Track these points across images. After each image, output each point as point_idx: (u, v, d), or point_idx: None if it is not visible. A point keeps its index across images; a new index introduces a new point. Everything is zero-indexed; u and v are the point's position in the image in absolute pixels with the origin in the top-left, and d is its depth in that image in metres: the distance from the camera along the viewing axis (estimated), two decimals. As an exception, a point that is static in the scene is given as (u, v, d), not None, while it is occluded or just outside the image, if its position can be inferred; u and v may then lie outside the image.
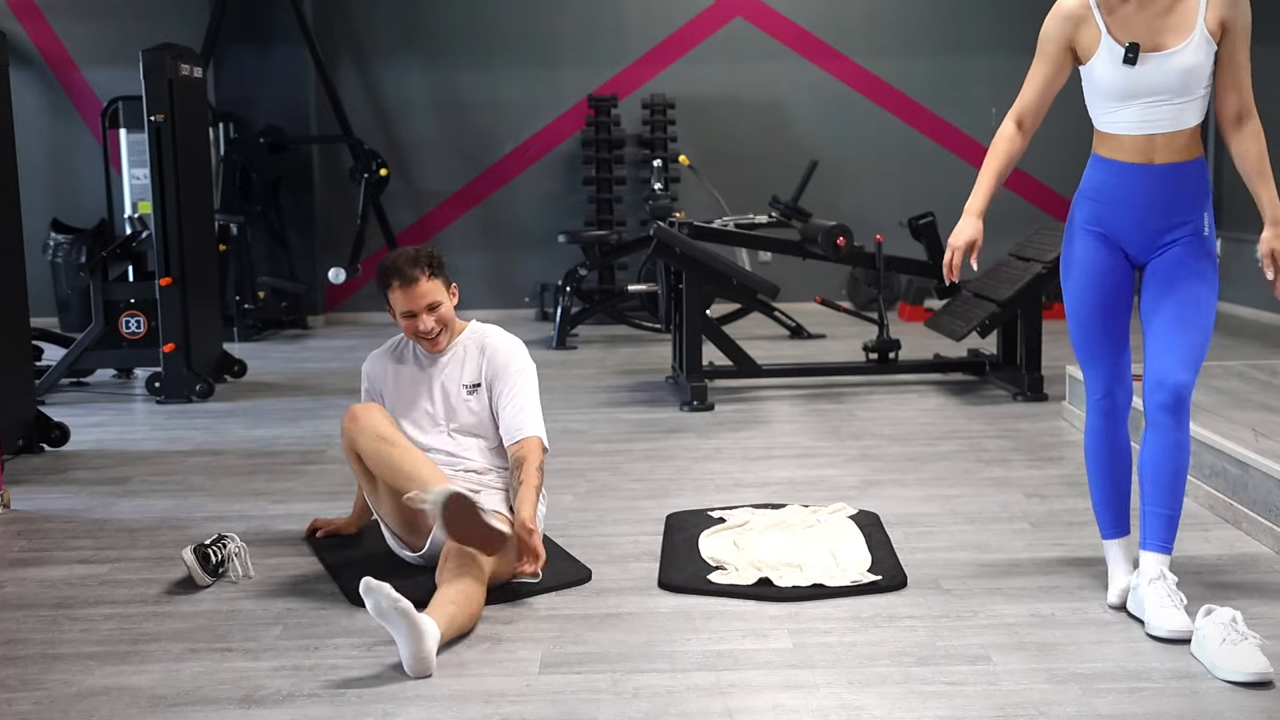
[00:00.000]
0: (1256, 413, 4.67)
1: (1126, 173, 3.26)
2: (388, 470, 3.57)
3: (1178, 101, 3.18)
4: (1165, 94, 3.18)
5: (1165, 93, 3.18)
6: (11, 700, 2.94)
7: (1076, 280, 3.36)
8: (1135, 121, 3.23)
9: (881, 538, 3.99)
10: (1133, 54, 3.17)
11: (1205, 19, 3.15)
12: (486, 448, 3.82)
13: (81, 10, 9.70)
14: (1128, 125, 3.24)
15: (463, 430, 3.81)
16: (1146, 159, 3.23)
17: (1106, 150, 3.30)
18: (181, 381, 6.61)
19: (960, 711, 2.79)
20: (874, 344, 6.88)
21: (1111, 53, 3.21)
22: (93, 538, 4.22)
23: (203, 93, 7.38)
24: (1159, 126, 3.21)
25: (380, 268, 3.81)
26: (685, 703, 2.87)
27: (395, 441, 3.61)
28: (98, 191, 9.33)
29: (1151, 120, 3.21)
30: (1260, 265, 3.29)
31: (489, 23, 9.81)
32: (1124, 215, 3.28)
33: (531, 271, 9.86)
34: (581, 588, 3.63)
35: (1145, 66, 3.17)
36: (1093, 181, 3.34)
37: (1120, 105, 3.24)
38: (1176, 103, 3.18)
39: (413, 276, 3.74)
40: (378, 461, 3.58)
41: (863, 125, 9.82)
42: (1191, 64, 3.15)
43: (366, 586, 3.00)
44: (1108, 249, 3.32)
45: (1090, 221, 3.34)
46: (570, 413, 6.13)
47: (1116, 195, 3.28)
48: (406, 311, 3.77)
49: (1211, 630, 2.99)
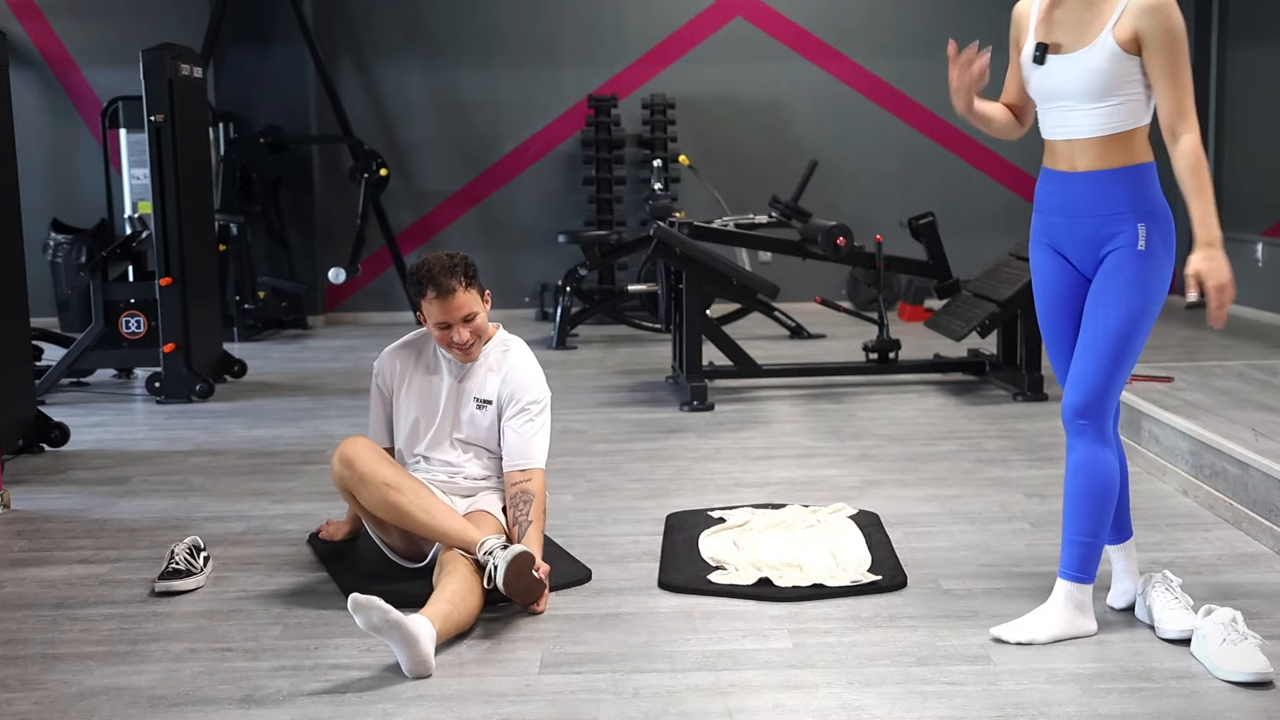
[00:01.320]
0: (1256, 413, 4.67)
1: (1056, 180, 3.22)
2: (398, 516, 3.49)
3: (1090, 107, 3.10)
4: (1075, 98, 3.12)
5: (1074, 97, 3.12)
6: (11, 700, 2.94)
7: (1035, 291, 3.33)
8: (1054, 126, 3.19)
9: (881, 538, 4.00)
10: (1039, 53, 3.16)
11: (1115, 28, 3.06)
12: (487, 458, 3.80)
13: (81, 10, 9.70)
14: (1050, 130, 3.21)
15: (466, 441, 3.79)
16: (1070, 166, 3.18)
17: (1045, 157, 3.27)
18: (181, 381, 6.61)
19: (960, 711, 2.79)
20: (874, 344, 6.88)
21: (1030, 47, 3.21)
22: (93, 538, 4.22)
23: (203, 93, 7.37)
24: (1077, 132, 3.14)
25: (414, 276, 3.69)
26: (685, 703, 2.87)
27: (401, 487, 3.49)
28: (98, 191, 9.33)
29: (1069, 125, 3.15)
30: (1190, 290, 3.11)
31: (489, 23, 9.81)
32: (1059, 224, 3.22)
33: (531, 271, 9.86)
34: (581, 588, 3.63)
35: (1053, 68, 3.14)
36: (1037, 191, 3.31)
37: (1043, 109, 3.22)
38: (1089, 108, 3.10)
39: (450, 287, 3.63)
40: (387, 510, 3.49)
41: (863, 125, 9.82)
42: (1095, 68, 3.07)
43: (355, 604, 2.96)
44: (1055, 261, 3.25)
45: (1039, 232, 3.30)
46: (570, 413, 6.13)
47: (1051, 204, 3.24)
48: (441, 323, 3.67)
49: (1211, 630, 2.99)
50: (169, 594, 3.61)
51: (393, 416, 3.87)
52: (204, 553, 3.76)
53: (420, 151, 9.89)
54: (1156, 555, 3.82)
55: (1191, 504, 4.36)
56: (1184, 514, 4.26)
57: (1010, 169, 9.95)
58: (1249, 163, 9.58)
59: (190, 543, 3.74)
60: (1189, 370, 5.65)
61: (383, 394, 3.88)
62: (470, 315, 3.68)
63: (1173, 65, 3.04)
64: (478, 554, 3.37)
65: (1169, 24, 3.02)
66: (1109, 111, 3.09)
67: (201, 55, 8.45)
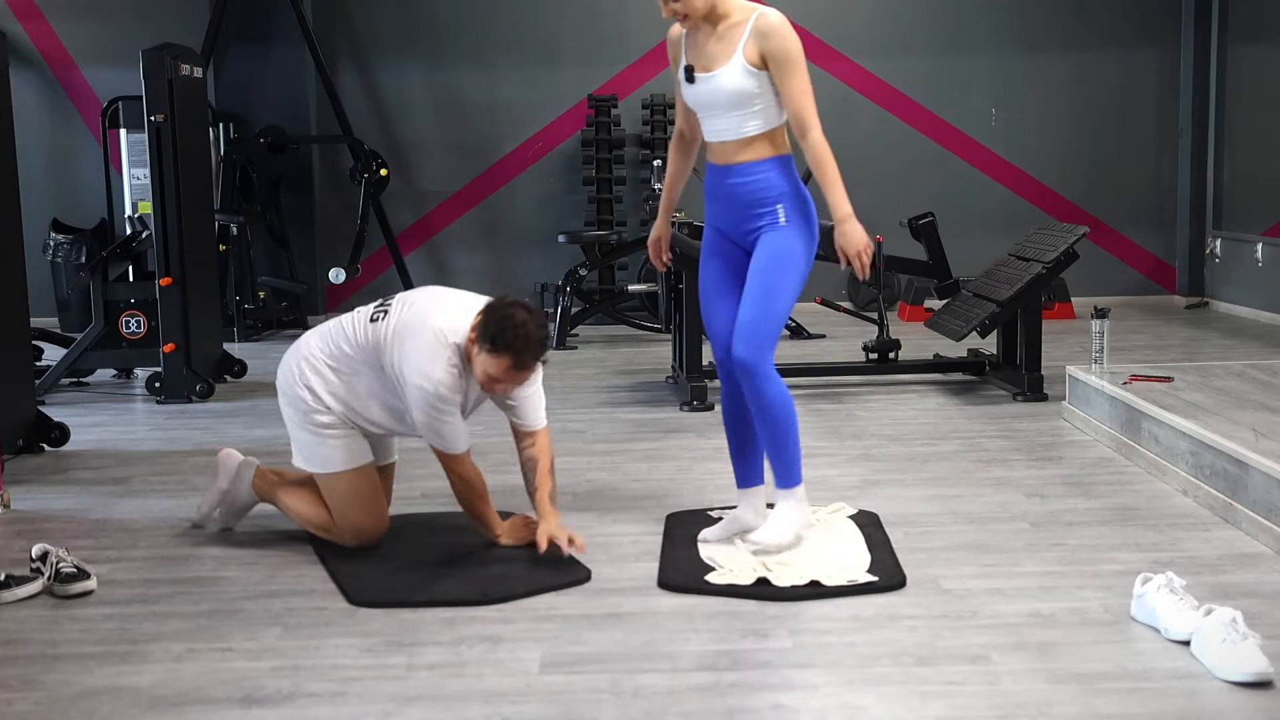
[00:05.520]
0: (1256, 413, 4.67)
1: (714, 172, 3.87)
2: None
3: (733, 114, 3.74)
4: (719, 108, 3.76)
5: (718, 107, 3.75)
6: (11, 700, 2.94)
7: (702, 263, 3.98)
8: (711, 131, 3.84)
9: (881, 537, 3.99)
10: (689, 74, 3.79)
11: (744, 49, 3.70)
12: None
13: (81, 10, 9.70)
14: (708, 134, 3.85)
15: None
16: (724, 160, 3.82)
17: (708, 155, 3.90)
18: (181, 381, 6.61)
19: (960, 711, 2.79)
20: (874, 344, 6.88)
21: (682, 69, 3.83)
22: (93, 538, 4.21)
23: (203, 93, 7.38)
24: (725, 135, 3.79)
25: (502, 332, 3.57)
26: (685, 703, 2.87)
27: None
28: (98, 191, 9.32)
29: (719, 130, 3.80)
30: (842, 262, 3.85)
31: (489, 23, 9.81)
32: (719, 208, 3.89)
33: (531, 271, 9.85)
34: (581, 588, 3.63)
35: (701, 85, 3.77)
36: (706, 182, 3.93)
37: (701, 117, 3.86)
38: (733, 115, 3.75)
39: (529, 366, 3.66)
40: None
41: (863, 125, 9.81)
42: (732, 86, 3.71)
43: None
44: (721, 240, 3.93)
45: (711, 217, 3.95)
46: (570, 413, 6.13)
47: (712, 191, 3.90)
48: (499, 380, 3.66)
49: (1211, 630, 2.99)
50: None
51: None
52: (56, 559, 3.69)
53: (420, 151, 9.89)
54: (1157, 555, 3.82)
55: (1191, 504, 4.36)
56: (1184, 514, 4.26)
57: (1010, 169, 9.95)
58: (1249, 163, 9.58)
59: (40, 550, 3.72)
60: (1189, 370, 5.65)
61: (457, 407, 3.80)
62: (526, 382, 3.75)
63: (792, 76, 3.69)
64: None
65: (785, 43, 3.67)
66: (752, 116, 3.74)
67: (201, 55, 8.45)
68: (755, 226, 3.82)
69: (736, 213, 3.85)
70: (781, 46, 3.68)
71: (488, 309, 3.66)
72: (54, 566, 3.65)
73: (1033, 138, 9.94)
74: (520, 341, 3.57)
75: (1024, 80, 9.85)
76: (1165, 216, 10.05)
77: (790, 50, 3.68)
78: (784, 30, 3.69)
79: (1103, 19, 9.81)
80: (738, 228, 3.87)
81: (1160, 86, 9.92)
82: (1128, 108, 9.92)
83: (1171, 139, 9.96)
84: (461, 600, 3.51)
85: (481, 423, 4.28)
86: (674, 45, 3.92)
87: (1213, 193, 9.80)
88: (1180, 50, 9.85)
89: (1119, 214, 9.97)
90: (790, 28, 3.71)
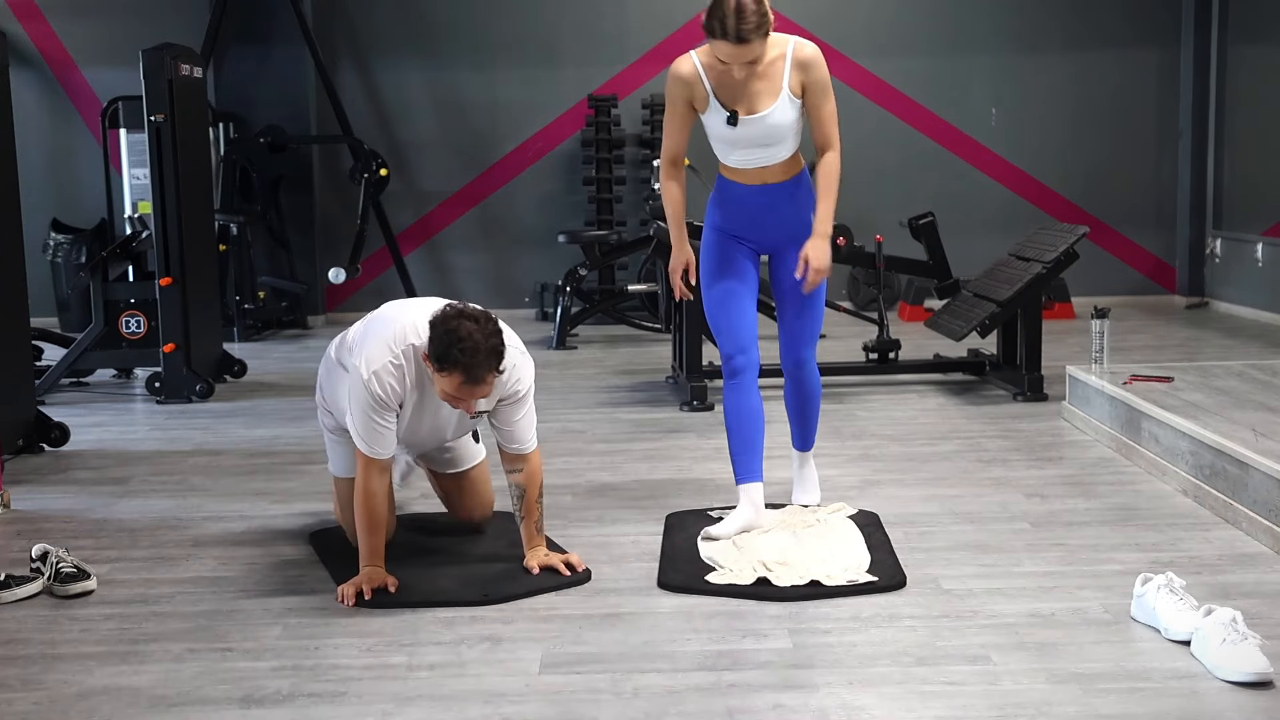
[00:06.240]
0: (1256, 413, 4.67)
1: (743, 191, 4.03)
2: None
3: (775, 145, 3.94)
4: (762, 142, 3.92)
5: (762, 142, 3.92)
6: (11, 700, 2.94)
7: (713, 268, 4.12)
8: (740, 159, 3.98)
9: (881, 538, 3.99)
10: (734, 120, 3.90)
11: (789, 83, 3.88)
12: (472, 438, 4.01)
13: (81, 10, 9.70)
14: (740, 162, 3.99)
15: (457, 439, 3.96)
16: (759, 181, 4.01)
17: (729, 174, 4.07)
18: (181, 381, 6.61)
19: (960, 711, 2.79)
20: (874, 344, 6.88)
21: (719, 113, 3.91)
22: (93, 538, 4.21)
23: (203, 93, 7.38)
24: (764, 161, 3.97)
25: (446, 348, 3.30)
26: (685, 703, 2.87)
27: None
28: (98, 191, 9.32)
29: (755, 158, 3.97)
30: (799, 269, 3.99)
31: (489, 23, 9.81)
32: (742, 219, 4.06)
33: (531, 271, 9.86)
34: (581, 588, 3.63)
35: (748, 127, 3.90)
36: (723, 195, 4.09)
37: (729, 150, 3.99)
38: (773, 145, 3.94)
39: (483, 378, 3.34)
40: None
41: (862, 125, 9.80)
42: (785, 123, 3.90)
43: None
44: (736, 245, 4.10)
45: (723, 224, 4.11)
46: (570, 413, 6.13)
47: (738, 205, 4.06)
48: (458, 397, 3.40)
49: (1211, 630, 2.99)
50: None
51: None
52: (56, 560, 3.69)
53: (420, 151, 9.89)
54: (1157, 555, 3.82)
55: (1191, 504, 4.36)
56: (1184, 514, 4.26)
57: (1010, 169, 9.95)
58: (1249, 163, 9.58)
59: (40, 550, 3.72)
60: (1189, 370, 5.65)
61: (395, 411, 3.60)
62: (486, 394, 3.44)
63: (827, 100, 3.94)
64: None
65: (824, 72, 3.91)
66: (787, 144, 3.96)
67: (201, 55, 8.45)
68: (788, 234, 4.05)
69: (771, 225, 4.06)
70: (822, 76, 3.91)
71: (432, 324, 3.35)
72: (54, 566, 3.65)
73: (1033, 138, 9.94)
74: (468, 355, 3.28)
75: (1024, 80, 9.85)
76: (1165, 216, 10.05)
77: (827, 77, 3.93)
78: (821, 59, 3.91)
79: (1103, 19, 9.81)
80: (764, 235, 4.08)
81: (1160, 87, 9.92)
82: (1128, 108, 9.92)
83: (1171, 139, 9.96)
84: (461, 600, 3.51)
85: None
86: (687, 85, 3.94)
87: (1213, 193, 9.80)
88: (1180, 50, 9.85)
89: (1119, 214, 9.97)
90: (822, 55, 3.93)
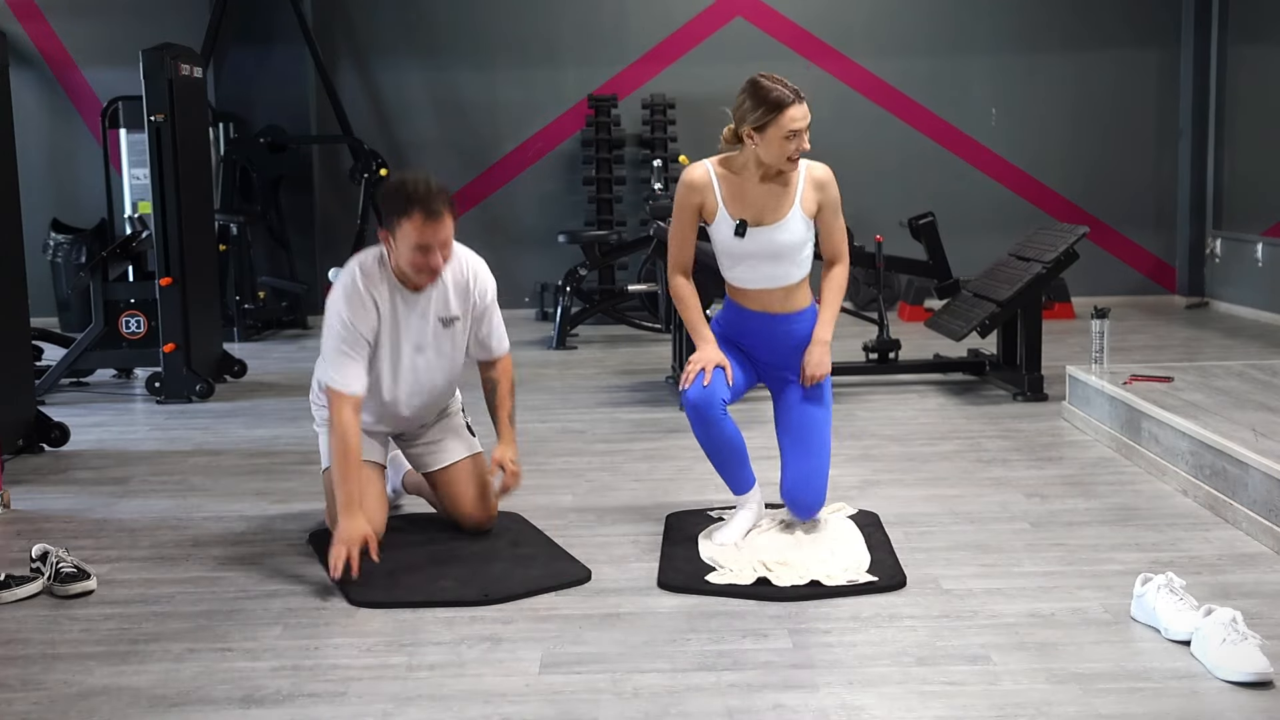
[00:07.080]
0: (1256, 413, 4.67)
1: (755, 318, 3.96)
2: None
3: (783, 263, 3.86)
4: (770, 258, 3.85)
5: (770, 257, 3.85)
6: (11, 700, 2.94)
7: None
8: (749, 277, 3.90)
9: (881, 538, 3.99)
10: (741, 230, 3.83)
11: (802, 200, 3.84)
12: (450, 372, 4.00)
13: (81, 10, 9.70)
14: (745, 281, 3.92)
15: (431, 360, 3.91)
16: (769, 309, 3.93)
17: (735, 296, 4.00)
18: (181, 381, 6.61)
19: (960, 711, 2.79)
20: (874, 344, 6.88)
21: (728, 223, 3.85)
22: (93, 538, 4.21)
23: (203, 93, 7.38)
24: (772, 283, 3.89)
25: (398, 194, 3.58)
26: (685, 703, 2.87)
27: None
28: (98, 191, 9.33)
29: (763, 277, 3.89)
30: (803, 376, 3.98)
31: (489, 23, 9.81)
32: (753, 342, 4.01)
33: (531, 271, 9.86)
34: (581, 588, 3.63)
35: (755, 239, 3.84)
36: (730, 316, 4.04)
37: (734, 264, 3.92)
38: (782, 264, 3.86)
39: (440, 211, 3.60)
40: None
41: (863, 125, 9.82)
42: (794, 239, 3.84)
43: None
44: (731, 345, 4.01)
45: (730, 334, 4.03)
46: (570, 413, 6.13)
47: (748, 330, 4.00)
48: (423, 245, 3.61)
49: (1211, 630, 2.99)
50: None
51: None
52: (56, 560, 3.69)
53: (420, 151, 9.89)
54: (1157, 555, 3.82)
55: (1191, 504, 4.36)
56: (1184, 514, 4.26)
57: (1010, 169, 9.95)
58: (1249, 163, 9.58)
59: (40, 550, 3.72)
60: (1189, 370, 5.65)
61: (357, 347, 3.72)
62: (448, 240, 3.68)
63: (838, 219, 3.94)
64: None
65: (836, 191, 3.90)
66: (796, 264, 3.88)
67: (201, 55, 8.45)
68: (796, 363, 3.99)
69: (778, 352, 4.00)
70: (836, 196, 3.92)
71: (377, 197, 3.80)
72: (54, 566, 3.65)
73: (1033, 138, 9.94)
74: (421, 191, 3.58)
75: (1024, 80, 9.85)
76: (1165, 216, 10.05)
77: (838, 196, 3.93)
78: (832, 179, 3.92)
79: (1102, 19, 9.81)
80: (772, 359, 4.02)
81: (1160, 87, 9.92)
82: (1128, 108, 9.92)
83: (1171, 139, 9.96)
84: (461, 600, 3.51)
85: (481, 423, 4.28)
86: (698, 192, 3.89)
87: (1213, 193, 9.80)
88: (1180, 50, 9.85)
89: (1119, 214, 9.97)
90: (833, 175, 3.94)
